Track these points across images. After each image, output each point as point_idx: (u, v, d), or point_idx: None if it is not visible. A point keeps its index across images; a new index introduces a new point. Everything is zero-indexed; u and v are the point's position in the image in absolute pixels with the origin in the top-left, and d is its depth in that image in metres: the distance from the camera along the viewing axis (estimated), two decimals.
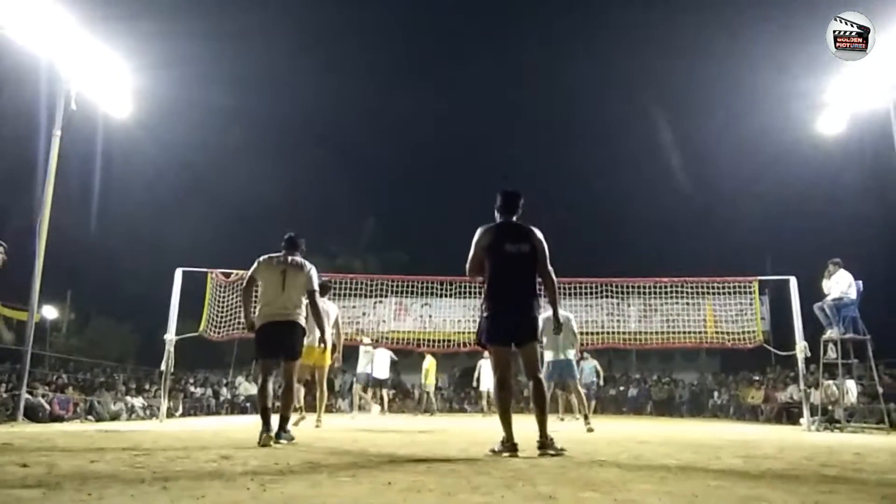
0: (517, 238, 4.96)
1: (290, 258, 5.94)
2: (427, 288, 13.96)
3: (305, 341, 8.85)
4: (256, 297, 6.01)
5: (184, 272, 11.11)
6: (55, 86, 10.70)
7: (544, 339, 6.37)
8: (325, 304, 9.06)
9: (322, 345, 6.43)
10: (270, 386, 5.72)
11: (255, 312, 5.89)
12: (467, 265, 5.03)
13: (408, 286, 14.08)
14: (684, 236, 29.40)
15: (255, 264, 5.96)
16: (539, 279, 5.04)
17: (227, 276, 11.55)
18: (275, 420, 5.55)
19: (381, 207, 33.65)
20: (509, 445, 4.60)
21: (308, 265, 5.96)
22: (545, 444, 4.59)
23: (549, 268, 5.01)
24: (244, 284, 6.04)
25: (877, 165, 12.96)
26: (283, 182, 31.18)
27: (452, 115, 36.19)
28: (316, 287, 5.91)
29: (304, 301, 5.94)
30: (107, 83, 10.96)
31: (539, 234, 5.03)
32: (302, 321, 5.87)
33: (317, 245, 28.98)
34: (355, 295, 13.85)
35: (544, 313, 5.70)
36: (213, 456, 4.25)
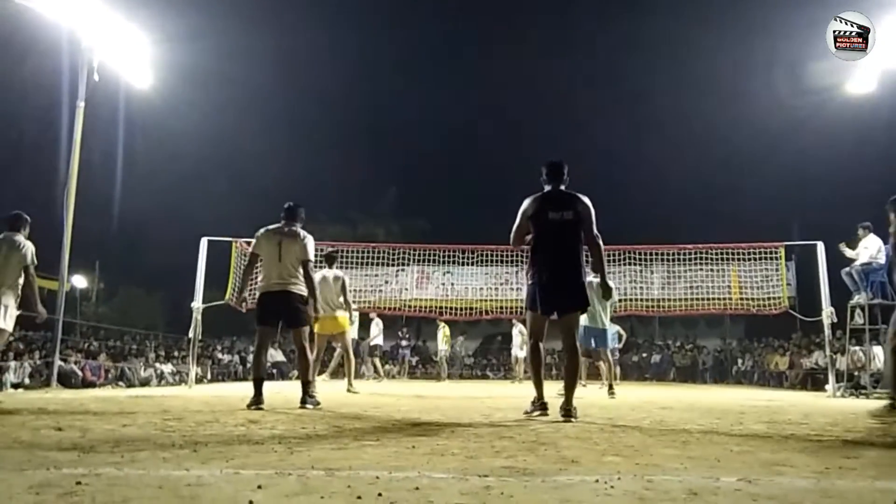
0: (560, 205, 5.00)
1: (287, 228, 5.96)
2: (449, 256, 14.00)
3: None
4: (258, 271, 6.07)
5: (209, 241, 11.22)
6: (77, 56, 10.74)
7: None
8: (332, 273, 9.13)
9: (315, 313, 6.23)
10: (265, 356, 5.93)
11: (254, 286, 5.97)
12: (512, 234, 5.16)
13: (429, 254, 14.13)
14: (710, 203, 28.99)
15: (255, 239, 6.04)
16: (585, 245, 5.06)
17: (251, 245, 11.66)
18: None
19: (403, 175, 33.56)
20: (540, 405, 4.86)
21: (304, 234, 5.96)
22: (569, 412, 4.67)
23: (595, 233, 5.02)
24: (248, 259, 6.08)
25: None
26: (305, 152, 31.23)
27: (477, 84, 35.81)
28: (310, 257, 5.91)
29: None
30: (128, 54, 10.99)
31: (585, 200, 5.05)
32: (300, 290, 5.87)
33: (338, 214, 29.20)
34: (377, 263, 13.94)
35: (589, 278, 5.71)
36: (240, 420, 4.34)
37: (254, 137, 30.23)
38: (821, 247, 10.66)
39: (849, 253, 9.96)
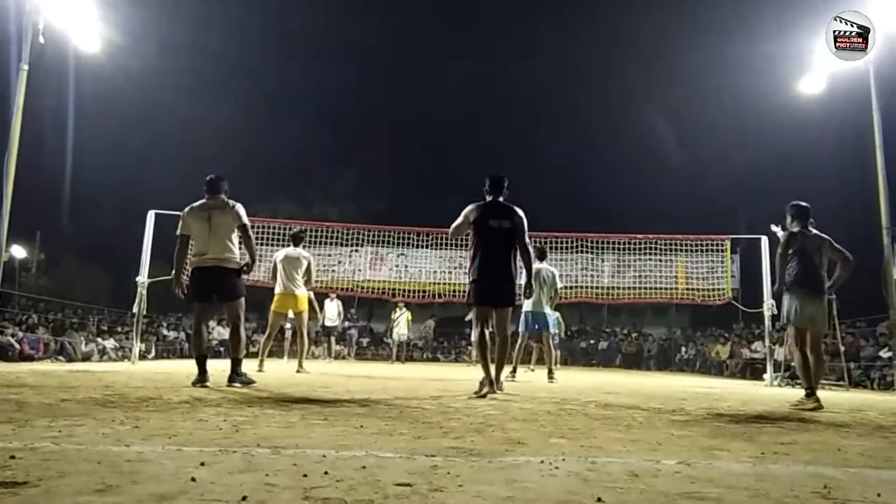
0: (500, 215, 5.70)
1: (213, 201, 5.79)
2: (403, 238, 13.95)
3: (277, 291, 8.92)
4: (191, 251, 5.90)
5: (156, 214, 10.93)
6: (21, 17, 10.25)
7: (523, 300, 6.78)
8: (297, 252, 9.05)
9: (248, 272, 5.97)
10: (205, 332, 5.85)
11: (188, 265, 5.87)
12: (452, 227, 5.89)
13: (384, 236, 14.05)
14: (663, 196, 29.59)
15: (181, 220, 5.83)
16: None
17: (178, 227, 11.40)
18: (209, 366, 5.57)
19: (359, 157, 33.22)
20: (488, 382, 5.50)
21: (232, 203, 5.79)
22: (492, 383, 5.49)
23: (527, 241, 5.76)
24: (178, 245, 5.88)
25: (853, 128, 13.08)
26: (261, 127, 30.62)
27: (436, 70, 35.55)
28: (245, 221, 5.76)
29: (238, 241, 5.80)
30: (75, 15, 10.53)
31: (520, 212, 5.73)
32: (233, 264, 5.74)
33: (294, 192, 28.77)
34: (331, 243, 13.80)
35: (536, 266, 6.67)
36: (185, 397, 4.27)
37: (208, 110, 29.41)
38: (765, 241, 10.97)
39: (781, 234, 10.29)
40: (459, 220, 5.78)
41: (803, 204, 5.90)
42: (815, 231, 5.89)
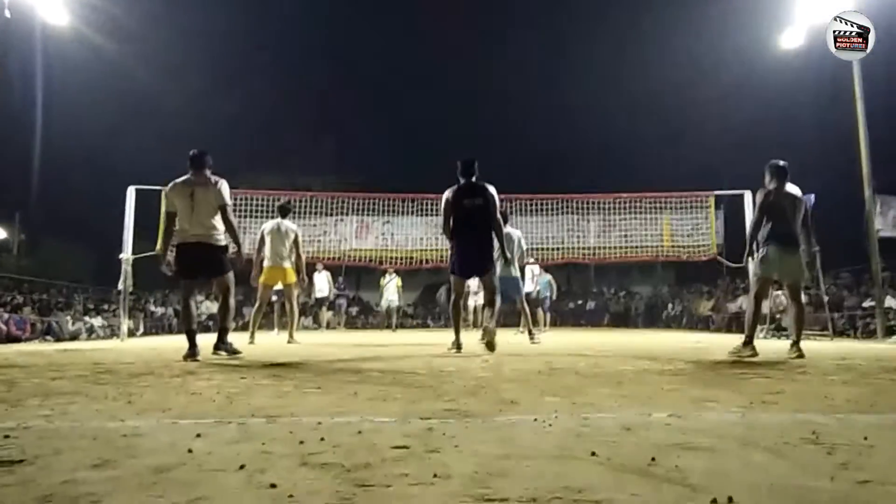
0: (473, 194, 6.43)
1: (196, 177, 5.73)
2: (388, 206, 13.90)
3: (266, 264, 8.87)
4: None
5: (137, 190, 10.80)
6: None
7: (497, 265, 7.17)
8: (285, 224, 8.99)
9: (240, 257, 6.03)
10: (193, 307, 5.88)
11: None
12: (442, 225, 6.58)
13: (369, 204, 13.99)
14: (645, 154, 29.53)
15: (165, 197, 5.84)
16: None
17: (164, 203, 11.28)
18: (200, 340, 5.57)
19: (340, 127, 32.86)
20: (457, 345, 6.49)
21: (216, 179, 5.74)
22: (490, 343, 6.21)
23: (498, 216, 6.52)
24: (164, 220, 5.88)
25: (833, 80, 13.09)
26: (240, 100, 30.08)
27: (415, 33, 35.00)
28: (227, 201, 5.72)
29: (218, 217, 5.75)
30: None
31: (491, 190, 6.46)
32: (218, 240, 5.74)
33: (276, 163, 28.46)
34: (315, 213, 13.73)
35: (507, 230, 7.40)
36: (177, 372, 4.26)
37: (186, 83, 28.87)
38: (748, 196, 11.04)
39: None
40: (443, 211, 6.51)
41: (781, 163, 5.98)
42: (791, 190, 5.97)
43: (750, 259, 6.11)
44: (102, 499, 1.34)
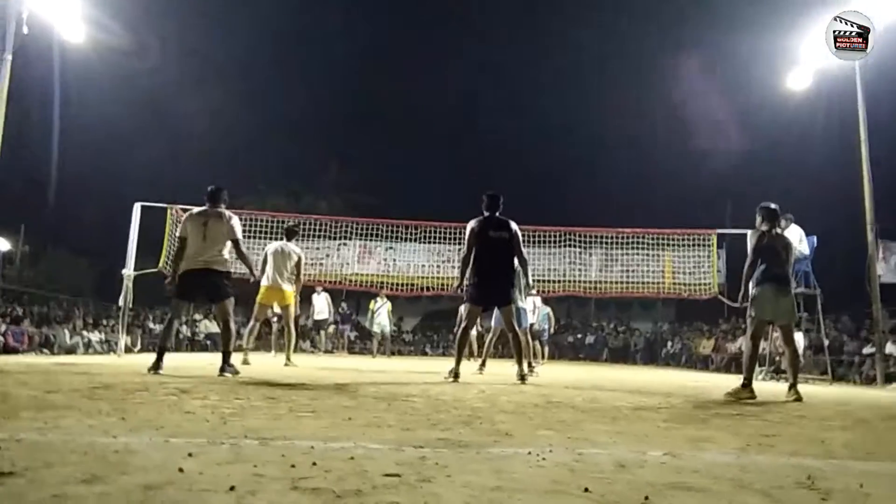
0: (499, 227, 6.59)
1: (212, 210, 6.28)
2: (392, 232, 13.92)
3: (264, 283, 8.91)
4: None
5: (143, 207, 10.85)
6: (4, 8, 10.11)
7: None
8: (289, 247, 9.05)
9: (255, 279, 6.90)
10: (175, 326, 6.39)
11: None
12: (464, 254, 6.66)
13: (373, 229, 14.02)
14: (650, 190, 29.71)
15: (181, 224, 6.46)
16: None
17: (187, 212, 11.33)
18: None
19: (347, 149, 33.10)
20: (454, 374, 6.42)
21: (229, 215, 6.31)
22: (523, 376, 6.57)
23: (523, 250, 6.73)
24: (177, 244, 6.43)
25: (840, 122, 13.20)
26: (249, 120, 30.37)
27: (424, 59, 35.42)
28: (238, 237, 6.26)
29: (229, 252, 6.29)
30: (60, 5, 10.40)
31: (515, 226, 6.65)
32: (222, 267, 6.20)
33: (280, 185, 28.62)
34: (319, 236, 13.77)
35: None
36: (172, 390, 4.24)
37: (195, 102, 29.17)
38: (751, 235, 11.04)
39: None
40: (467, 240, 6.61)
41: (772, 206, 6.18)
42: (782, 231, 6.11)
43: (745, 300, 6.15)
44: None
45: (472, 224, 6.65)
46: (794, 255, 6.18)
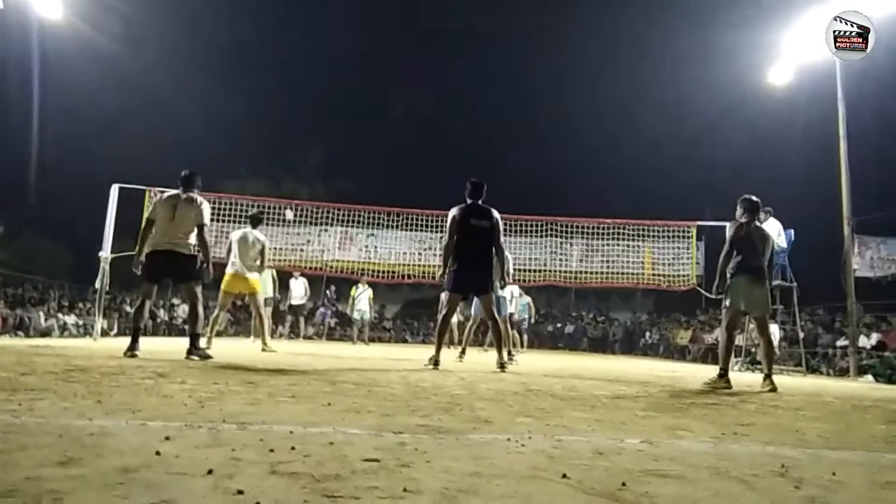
0: (480, 216, 6.63)
1: (185, 195, 6.34)
2: (373, 218, 13.87)
3: (228, 270, 8.86)
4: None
5: (120, 188, 10.70)
6: None
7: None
8: (254, 234, 8.94)
9: (211, 272, 6.51)
10: (146, 308, 6.36)
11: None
12: (446, 241, 6.67)
13: (354, 215, 13.95)
14: (631, 182, 29.83)
15: (152, 206, 6.55)
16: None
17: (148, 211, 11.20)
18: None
19: (329, 135, 32.83)
20: (434, 361, 6.48)
21: (200, 200, 6.35)
22: (502, 364, 6.56)
23: (502, 239, 6.82)
24: (143, 225, 6.44)
25: (820, 118, 13.34)
26: (230, 105, 29.97)
27: (403, 46, 35.13)
28: (206, 221, 6.30)
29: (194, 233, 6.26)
30: None
31: (496, 214, 6.71)
32: (188, 250, 6.22)
33: (260, 170, 28.39)
34: (300, 222, 13.68)
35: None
36: (149, 374, 4.20)
37: (175, 84, 28.72)
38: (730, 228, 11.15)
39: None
40: (448, 228, 6.61)
41: (754, 198, 6.26)
42: (761, 224, 6.19)
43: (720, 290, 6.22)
44: (65, 497, 1.32)
45: (453, 212, 6.66)
46: (771, 248, 6.26)
